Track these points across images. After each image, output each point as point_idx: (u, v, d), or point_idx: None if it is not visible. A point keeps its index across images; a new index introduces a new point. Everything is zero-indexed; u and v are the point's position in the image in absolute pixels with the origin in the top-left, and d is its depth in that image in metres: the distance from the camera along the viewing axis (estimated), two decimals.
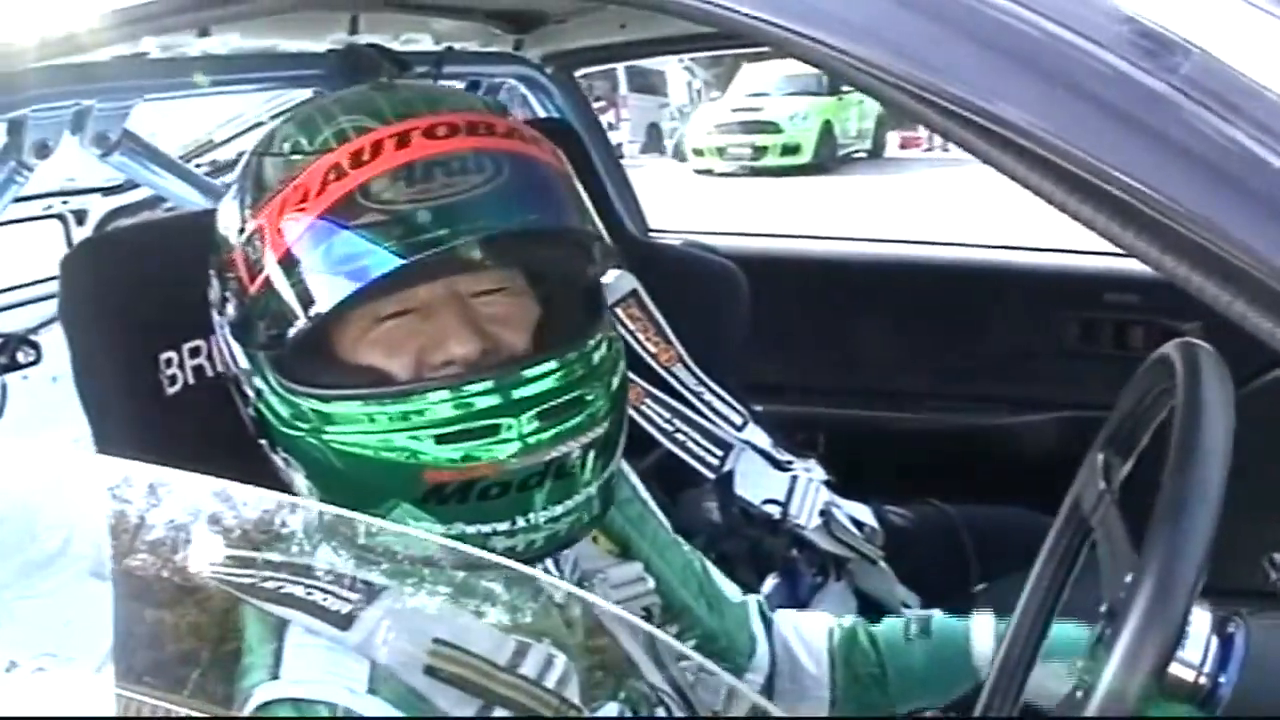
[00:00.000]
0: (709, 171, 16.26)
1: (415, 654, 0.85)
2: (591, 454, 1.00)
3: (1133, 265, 2.33)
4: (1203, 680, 0.79)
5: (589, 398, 1.00)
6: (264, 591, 0.87)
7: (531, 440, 0.96)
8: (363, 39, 1.61)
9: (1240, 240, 0.64)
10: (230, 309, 1.02)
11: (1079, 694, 0.84)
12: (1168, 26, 0.65)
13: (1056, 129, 0.66)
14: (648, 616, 1.17)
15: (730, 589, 1.33)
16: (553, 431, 0.97)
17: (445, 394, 0.96)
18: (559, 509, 0.99)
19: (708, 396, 1.99)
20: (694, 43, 2.20)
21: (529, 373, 0.97)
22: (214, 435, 1.03)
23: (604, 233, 1.07)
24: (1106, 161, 0.65)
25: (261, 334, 1.00)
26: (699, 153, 16.80)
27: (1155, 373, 0.95)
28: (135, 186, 1.89)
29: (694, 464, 1.91)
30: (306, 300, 0.96)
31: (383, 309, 1.00)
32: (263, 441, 1.04)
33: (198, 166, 1.96)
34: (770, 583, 1.79)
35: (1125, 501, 0.97)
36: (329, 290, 0.96)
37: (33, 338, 1.86)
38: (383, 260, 0.94)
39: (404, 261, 0.94)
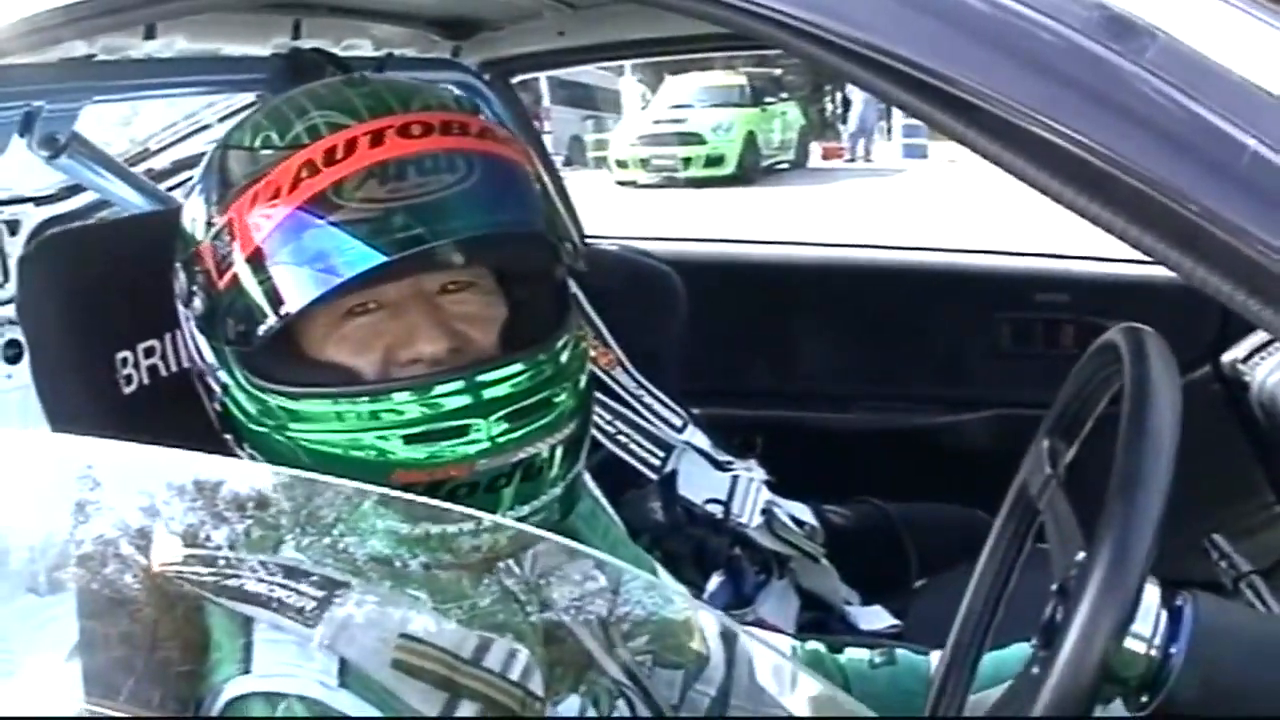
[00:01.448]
0: (632, 183, 16.29)
1: (381, 649, 0.85)
2: (559, 453, 1.00)
3: (1063, 266, 2.41)
4: (1153, 652, 0.82)
5: (557, 398, 1.00)
6: (226, 589, 0.87)
7: (500, 440, 0.96)
8: (305, 44, 1.61)
9: (1203, 203, 0.67)
10: (197, 303, 1.01)
11: (1034, 670, 0.87)
12: (1134, 12, 0.69)
13: (1034, 105, 0.69)
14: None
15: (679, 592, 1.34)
16: (521, 431, 0.97)
17: (413, 394, 0.95)
18: (525, 509, 0.99)
19: (647, 399, 2.01)
20: (631, 49, 2.22)
21: (498, 373, 0.97)
22: (171, 435, 1.02)
23: (573, 233, 1.08)
24: (1078, 132, 0.68)
25: (230, 330, 0.99)
26: (622, 164, 16.83)
27: (1100, 358, 0.99)
28: (68, 196, 1.87)
29: (636, 465, 1.92)
30: (276, 298, 0.96)
31: (350, 305, 0.99)
32: (228, 436, 1.03)
33: None
34: (715, 580, 1.82)
35: (1070, 486, 1.01)
36: (300, 288, 0.95)
37: None
38: (356, 258, 0.94)
39: (379, 260, 0.94)
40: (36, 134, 1.37)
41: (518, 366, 0.98)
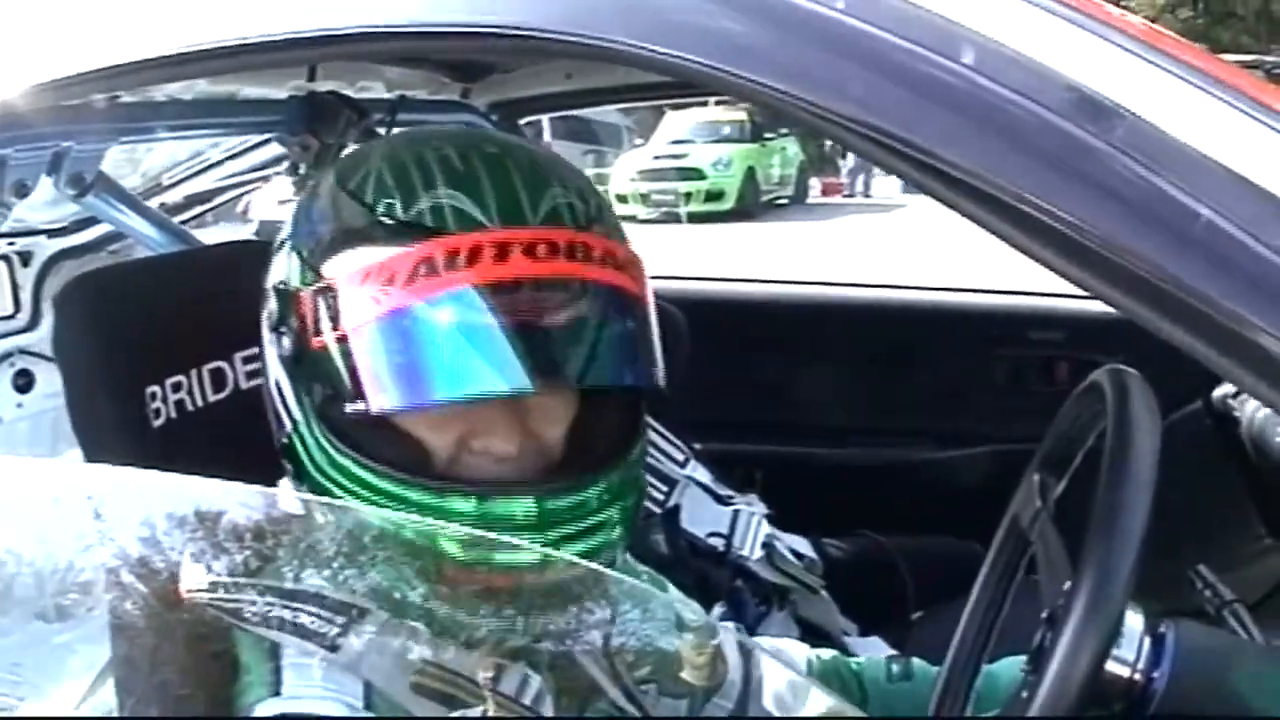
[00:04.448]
0: (632, 218, 16.34)
1: (402, 673, 0.89)
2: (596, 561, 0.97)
3: (1056, 304, 2.44)
4: (1137, 676, 0.86)
5: (617, 514, 0.99)
6: (253, 615, 0.90)
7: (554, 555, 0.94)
8: (321, 86, 1.66)
9: (1170, 273, 0.72)
10: (286, 343, 1.00)
11: (1024, 694, 0.91)
12: (1105, 93, 0.74)
13: (1012, 178, 0.74)
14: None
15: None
16: (578, 548, 0.96)
17: (476, 501, 0.95)
18: None
19: (651, 435, 2.04)
20: (639, 92, 2.25)
21: (567, 499, 0.96)
22: (198, 468, 1.06)
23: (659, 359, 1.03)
24: (1054, 204, 0.73)
25: (315, 391, 0.99)
26: (622, 199, 16.80)
27: (1087, 398, 1.03)
28: (81, 229, 1.92)
29: None
30: (373, 386, 0.95)
31: None
32: (288, 466, 1.04)
33: None
34: (717, 611, 1.84)
35: (1059, 519, 1.05)
36: (396, 389, 0.95)
37: None
38: (461, 379, 0.94)
39: (485, 392, 0.94)
40: (64, 173, 1.41)
41: (579, 486, 0.96)
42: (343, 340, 0.95)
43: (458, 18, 0.92)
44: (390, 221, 0.95)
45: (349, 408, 0.95)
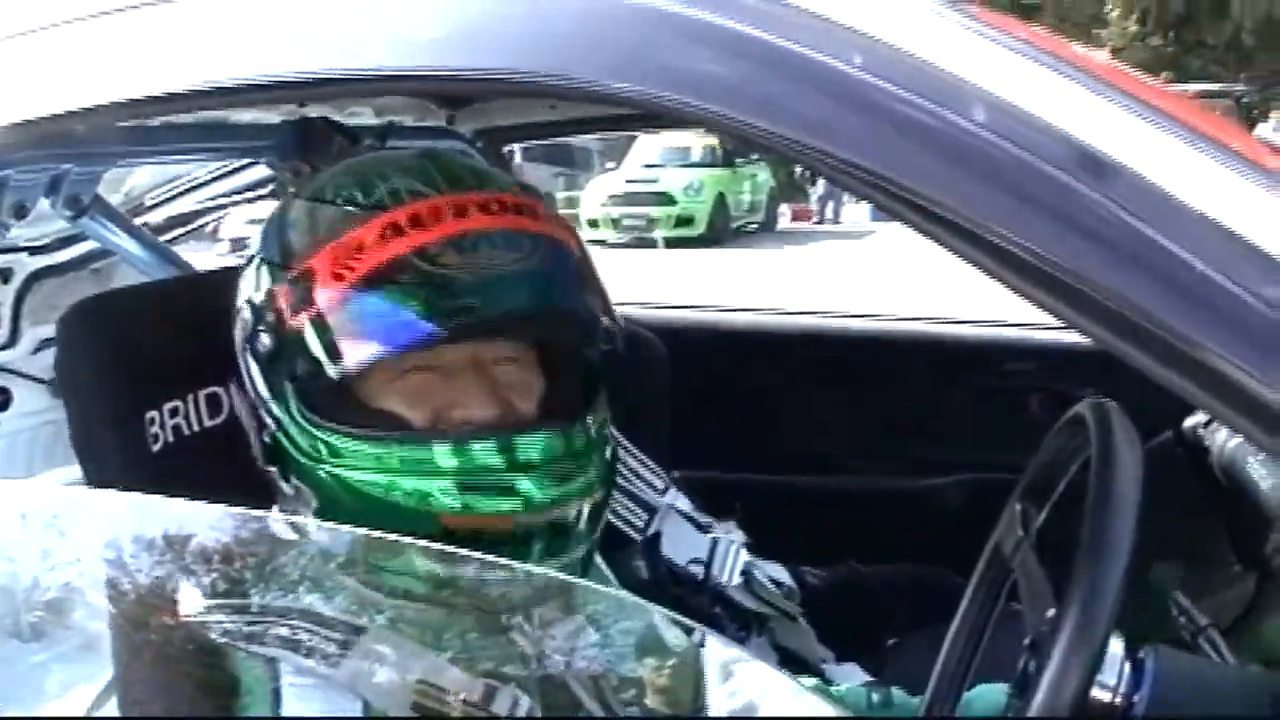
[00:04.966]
0: (602, 242, 16.37)
1: (400, 692, 0.91)
2: (585, 516, 1.09)
3: (1031, 335, 2.47)
4: (1119, 700, 0.89)
5: (588, 466, 1.08)
6: (251, 636, 0.92)
7: (537, 499, 1.04)
8: (312, 112, 1.67)
9: (1159, 318, 0.76)
10: (264, 339, 1.08)
11: (1010, 716, 0.93)
12: (1105, 150, 0.79)
13: (1017, 229, 0.78)
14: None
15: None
16: (557, 492, 1.05)
17: (453, 449, 1.03)
18: (554, 563, 1.06)
19: (632, 463, 2.05)
20: (624, 123, 2.28)
21: (532, 438, 1.05)
22: (195, 491, 1.07)
23: (615, 314, 1.17)
24: (1056, 255, 0.78)
25: (296, 367, 1.06)
26: (594, 224, 16.82)
27: (1069, 430, 1.06)
28: (63, 247, 1.91)
29: (622, 526, 1.97)
30: (351, 344, 1.03)
31: (410, 363, 1.07)
32: (272, 469, 1.11)
33: None
34: (697, 637, 1.86)
35: (1039, 548, 1.08)
36: (375, 340, 1.03)
37: None
38: (433, 319, 1.03)
39: (454, 324, 1.03)
40: (63, 195, 1.43)
41: (552, 434, 1.06)
42: (325, 310, 1.04)
43: (427, 62, 0.95)
44: (352, 208, 1.06)
45: (332, 370, 1.04)
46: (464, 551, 0.93)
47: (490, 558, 0.93)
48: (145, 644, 0.94)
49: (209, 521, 0.94)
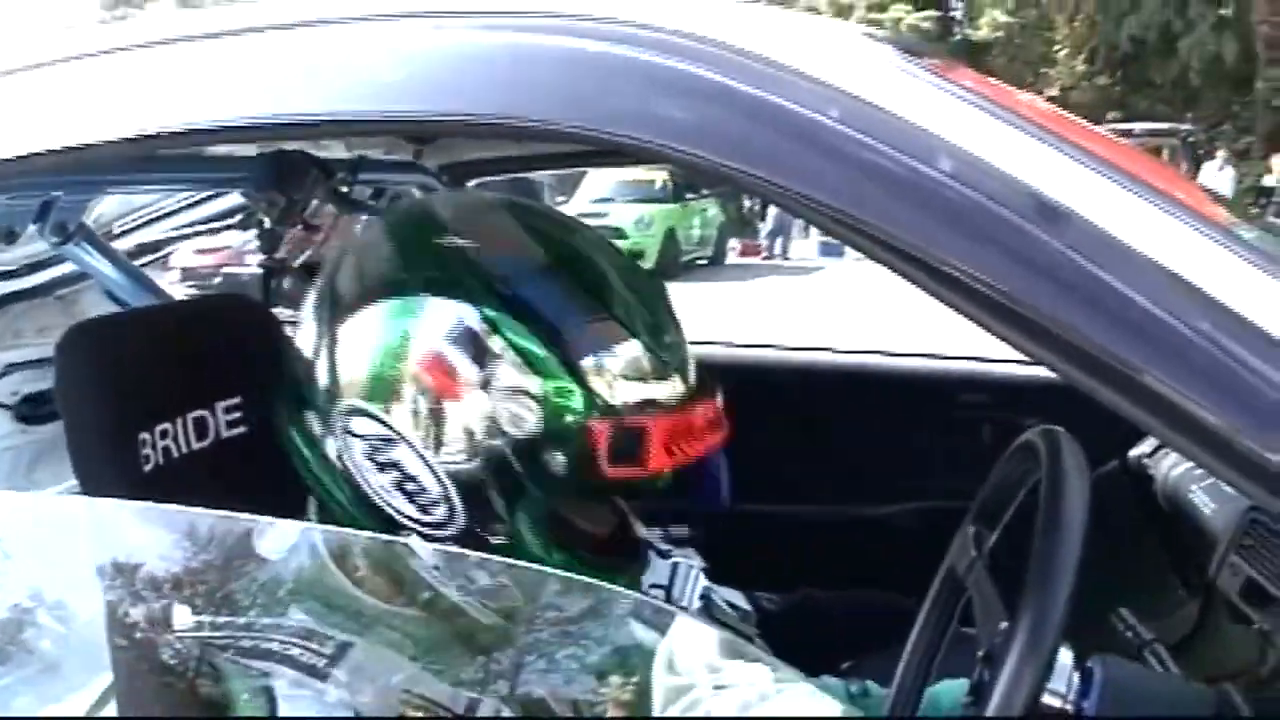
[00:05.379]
0: None
1: (389, 704, 0.95)
2: None
3: (985, 368, 2.52)
4: (1068, 707, 0.95)
5: None
6: (244, 649, 0.96)
7: None
8: (288, 145, 1.72)
9: (1105, 346, 0.84)
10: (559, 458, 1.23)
11: None
12: (1059, 198, 0.87)
13: (980, 269, 0.86)
14: None
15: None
16: None
17: None
18: None
19: None
20: (588, 159, 2.33)
21: None
22: None
23: None
24: (1018, 292, 0.86)
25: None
26: None
27: (1020, 455, 1.13)
28: (32, 273, 1.93)
29: None
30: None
31: None
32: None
33: None
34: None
35: (991, 567, 1.14)
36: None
37: None
38: None
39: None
40: (50, 221, 1.47)
41: None
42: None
43: (392, 107, 1.01)
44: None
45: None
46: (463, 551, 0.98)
47: (490, 557, 0.98)
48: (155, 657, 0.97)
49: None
